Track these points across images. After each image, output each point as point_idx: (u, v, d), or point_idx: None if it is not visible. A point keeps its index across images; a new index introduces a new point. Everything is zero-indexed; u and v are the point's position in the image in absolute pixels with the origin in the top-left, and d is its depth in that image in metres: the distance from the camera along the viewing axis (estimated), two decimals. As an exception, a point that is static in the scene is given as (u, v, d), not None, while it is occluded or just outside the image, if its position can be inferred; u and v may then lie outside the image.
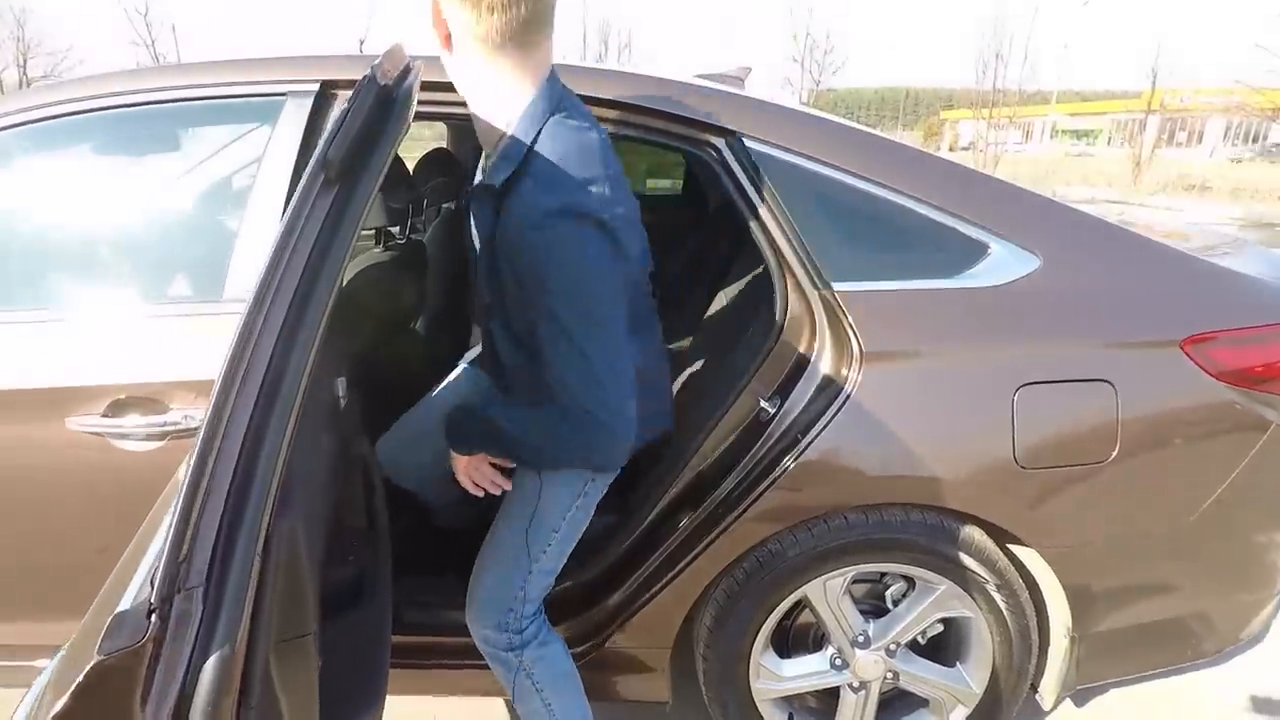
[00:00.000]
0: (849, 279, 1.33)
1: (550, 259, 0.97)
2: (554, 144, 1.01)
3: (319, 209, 0.73)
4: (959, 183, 1.39)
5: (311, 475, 0.88)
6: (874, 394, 1.30)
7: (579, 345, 0.99)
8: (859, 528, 1.35)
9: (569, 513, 1.25)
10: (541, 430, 1.09)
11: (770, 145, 1.36)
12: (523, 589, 1.27)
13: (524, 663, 1.29)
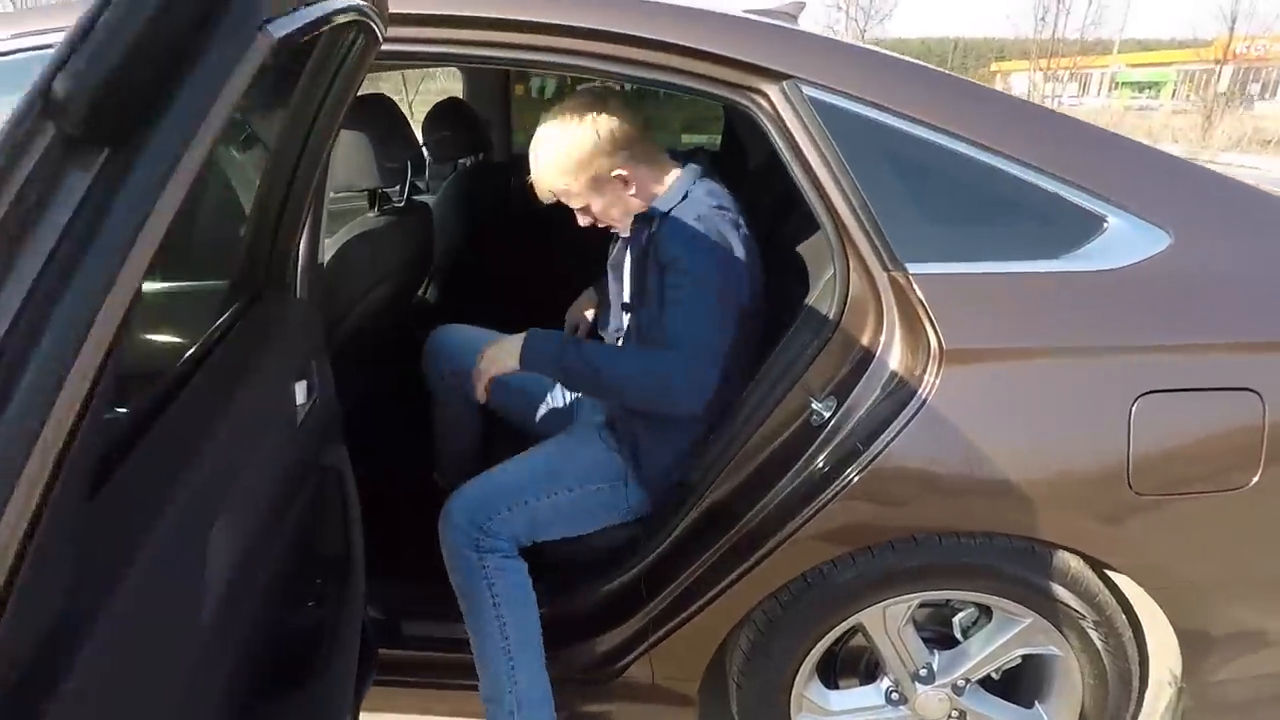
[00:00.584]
0: (927, 259, 1.09)
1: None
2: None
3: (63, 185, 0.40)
4: (1068, 139, 1.13)
5: (238, 508, 0.69)
6: (955, 400, 1.07)
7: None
8: (930, 552, 1.14)
9: (592, 487, 1.32)
10: (631, 357, 1.27)
11: (835, 93, 1.11)
12: (506, 511, 1.28)
13: (486, 568, 1.27)
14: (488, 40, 1.15)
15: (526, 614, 1.29)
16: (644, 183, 1.32)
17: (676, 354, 1.21)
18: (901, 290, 1.10)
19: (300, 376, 0.89)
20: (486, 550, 1.27)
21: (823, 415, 1.17)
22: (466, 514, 1.28)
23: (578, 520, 1.34)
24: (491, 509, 1.28)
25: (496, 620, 1.26)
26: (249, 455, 0.72)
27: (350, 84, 0.95)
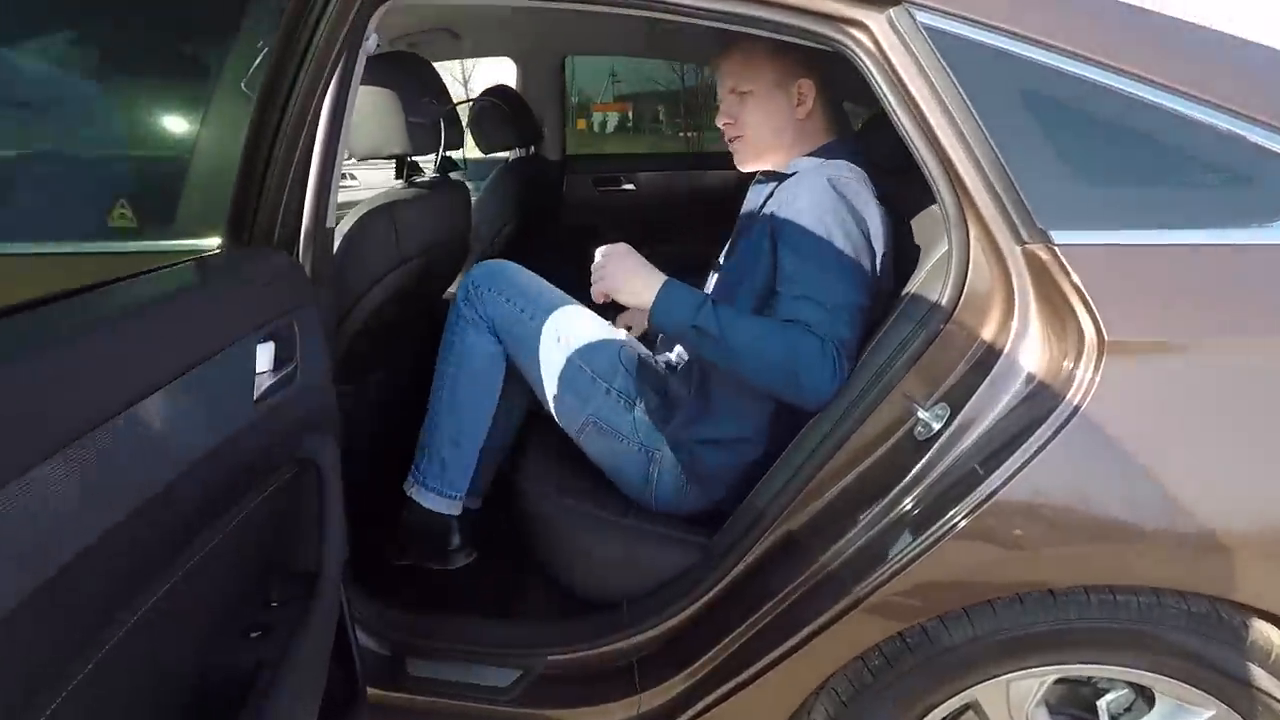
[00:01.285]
0: (1078, 225, 0.84)
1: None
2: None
3: None
4: (1270, 76, 0.87)
5: (132, 503, 0.49)
6: (1118, 408, 0.81)
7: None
8: (1073, 612, 0.87)
9: (589, 371, 1.24)
10: (774, 334, 1.05)
11: (960, 19, 0.88)
12: (506, 302, 1.25)
13: (460, 318, 1.27)
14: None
15: (473, 387, 1.28)
16: (811, 126, 1.22)
17: (821, 340, 1.03)
18: (1042, 266, 0.85)
19: (267, 338, 0.69)
20: (464, 317, 1.26)
21: (931, 427, 0.92)
22: (476, 278, 1.26)
23: (547, 376, 1.26)
24: (496, 283, 1.26)
25: (443, 374, 1.28)
26: (157, 430, 0.52)
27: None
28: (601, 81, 3.35)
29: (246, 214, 0.88)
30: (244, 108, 1.06)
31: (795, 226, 1.09)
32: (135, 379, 0.50)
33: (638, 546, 1.20)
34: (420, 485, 1.30)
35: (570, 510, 1.23)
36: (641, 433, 1.23)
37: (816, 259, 1.06)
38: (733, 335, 1.07)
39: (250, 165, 0.87)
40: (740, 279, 1.15)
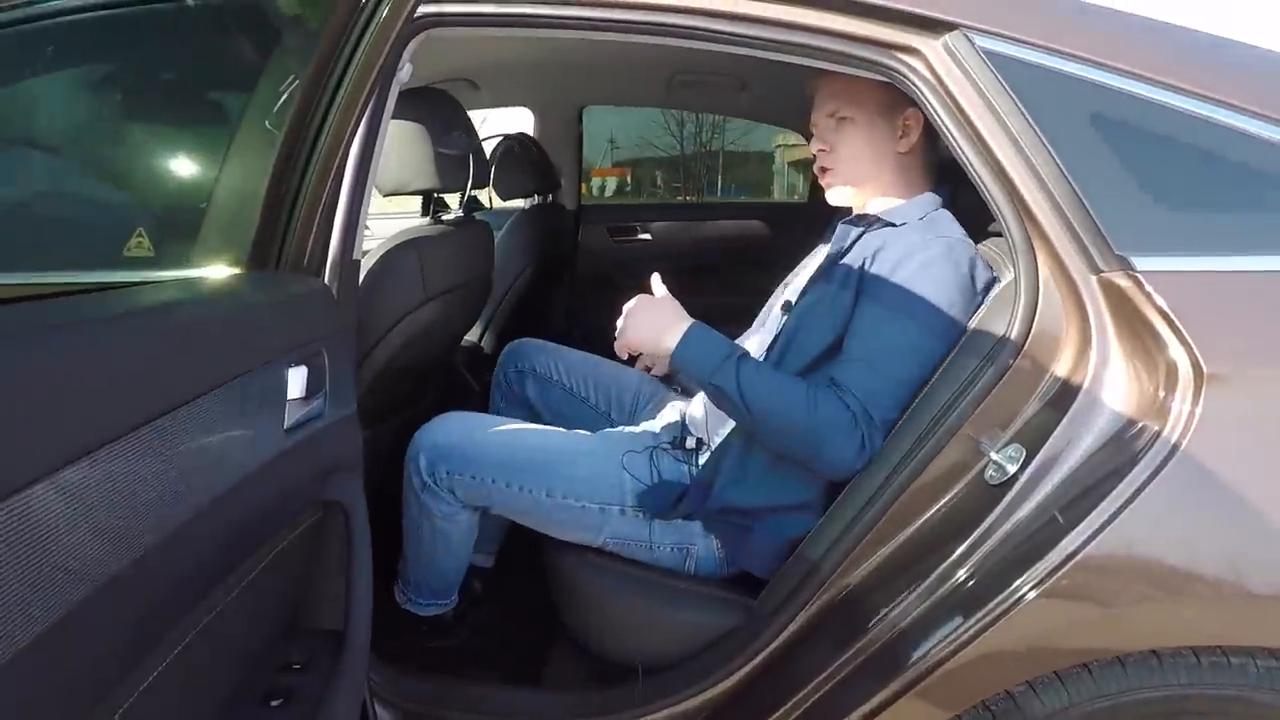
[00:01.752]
0: (1160, 251, 0.79)
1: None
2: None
3: None
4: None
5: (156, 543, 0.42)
6: (1223, 446, 0.74)
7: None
8: (1184, 677, 0.78)
9: (586, 504, 1.10)
10: (799, 400, 0.97)
11: (1021, 44, 0.85)
12: (470, 479, 1.11)
13: (431, 516, 1.15)
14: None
15: (449, 544, 1.18)
16: (911, 164, 1.12)
17: (855, 415, 0.96)
18: (1122, 295, 0.80)
19: (300, 361, 0.63)
20: (430, 499, 1.14)
21: (1006, 470, 0.85)
22: (429, 461, 1.12)
23: (544, 524, 1.14)
24: (452, 464, 1.12)
25: (414, 529, 1.18)
26: (180, 455, 0.45)
27: (403, 5, 0.74)
28: (600, 146, 3.39)
29: (272, 244, 0.83)
30: (267, 138, 1.02)
31: (891, 288, 0.99)
32: (158, 389, 0.44)
33: (673, 607, 1.10)
34: (409, 600, 1.24)
35: (598, 568, 1.14)
36: (668, 536, 1.11)
37: (899, 329, 0.98)
38: (753, 398, 0.98)
39: (278, 195, 0.82)
40: (813, 325, 1.05)
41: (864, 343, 0.99)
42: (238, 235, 0.94)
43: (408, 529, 1.19)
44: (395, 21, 0.75)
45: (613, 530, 1.11)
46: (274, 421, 0.59)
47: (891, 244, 1.03)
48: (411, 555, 1.20)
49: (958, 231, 1.05)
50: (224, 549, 0.51)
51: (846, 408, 0.96)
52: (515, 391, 1.45)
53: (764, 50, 0.92)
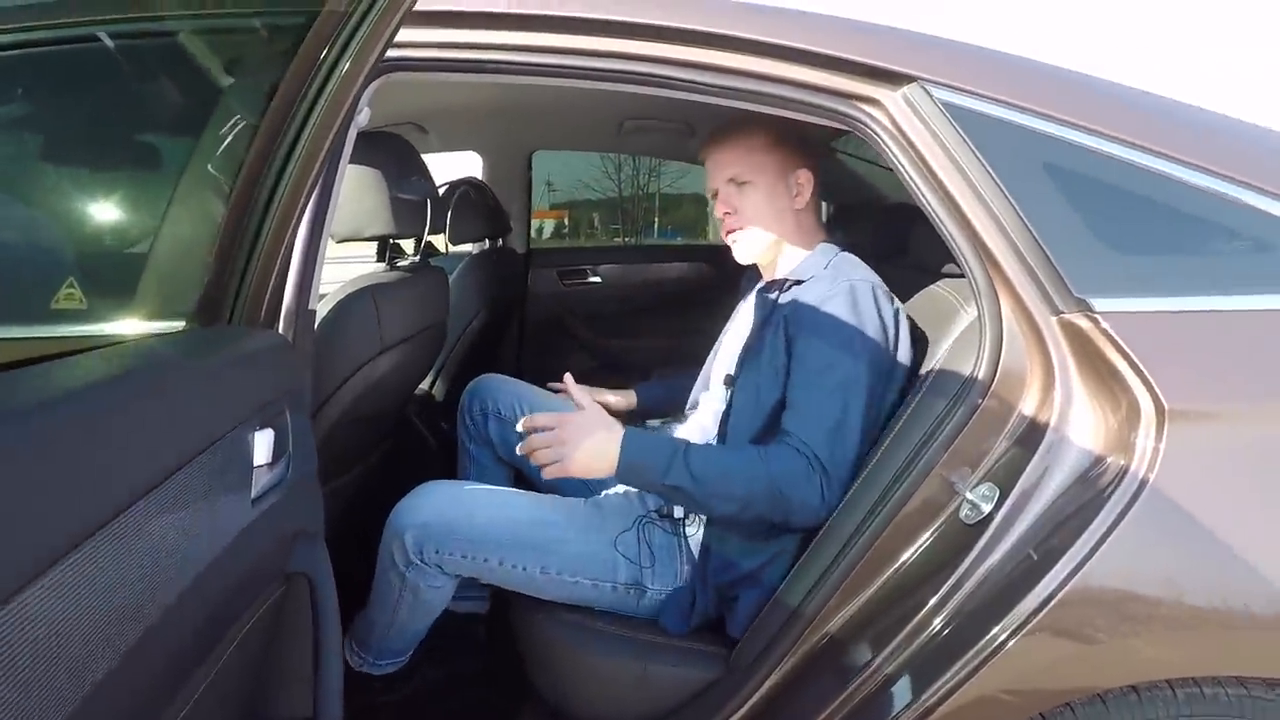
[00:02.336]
0: (1118, 293, 0.83)
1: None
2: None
3: None
4: (1271, 150, 0.90)
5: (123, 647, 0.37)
6: (1189, 478, 0.76)
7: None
8: (1162, 710, 0.79)
9: (582, 580, 1.09)
10: (753, 471, 0.98)
11: (976, 96, 0.88)
12: (460, 558, 1.07)
13: (412, 589, 1.10)
14: (545, 45, 0.94)
15: (424, 613, 1.15)
16: (806, 218, 1.20)
17: (809, 461, 0.98)
18: (1082, 336, 0.83)
19: (265, 423, 0.58)
20: (416, 575, 1.08)
21: (980, 509, 0.86)
22: (415, 541, 1.06)
23: (534, 594, 1.11)
24: (444, 544, 1.07)
25: (395, 613, 1.12)
26: (149, 547, 0.40)
27: (370, 51, 0.72)
28: (538, 189, 3.40)
29: (224, 295, 0.78)
30: (215, 185, 0.98)
31: (814, 335, 1.04)
32: (123, 476, 0.39)
33: (649, 661, 1.07)
34: (366, 663, 1.20)
35: (571, 625, 1.09)
36: (657, 610, 1.11)
37: (829, 368, 1.01)
38: (710, 484, 0.98)
39: (232, 243, 0.78)
40: (758, 391, 1.07)
41: (804, 389, 1.03)
42: (183, 286, 0.88)
43: (380, 599, 1.12)
44: (363, 66, 0.73)
45: (604, 604, 1.10)
46: (241, 493, 0.54)
47: (805, 297, 1.09)
48: (380, 621, 1.13)
49: (859, 272, 1.11)
50: (193, 641, 0.46)
51: (798, 453, 0.98)
52: (480, 431, 1.43)
53: (734, 100, 0.94)
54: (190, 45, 0.94)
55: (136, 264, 0.97)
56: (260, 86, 0.87)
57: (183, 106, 0.96)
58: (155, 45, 0.97)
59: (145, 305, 0.92)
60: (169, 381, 0.48)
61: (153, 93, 0.97)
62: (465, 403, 1.45)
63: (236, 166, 0.89)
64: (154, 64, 0.95)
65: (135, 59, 0.95)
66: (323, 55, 0.74)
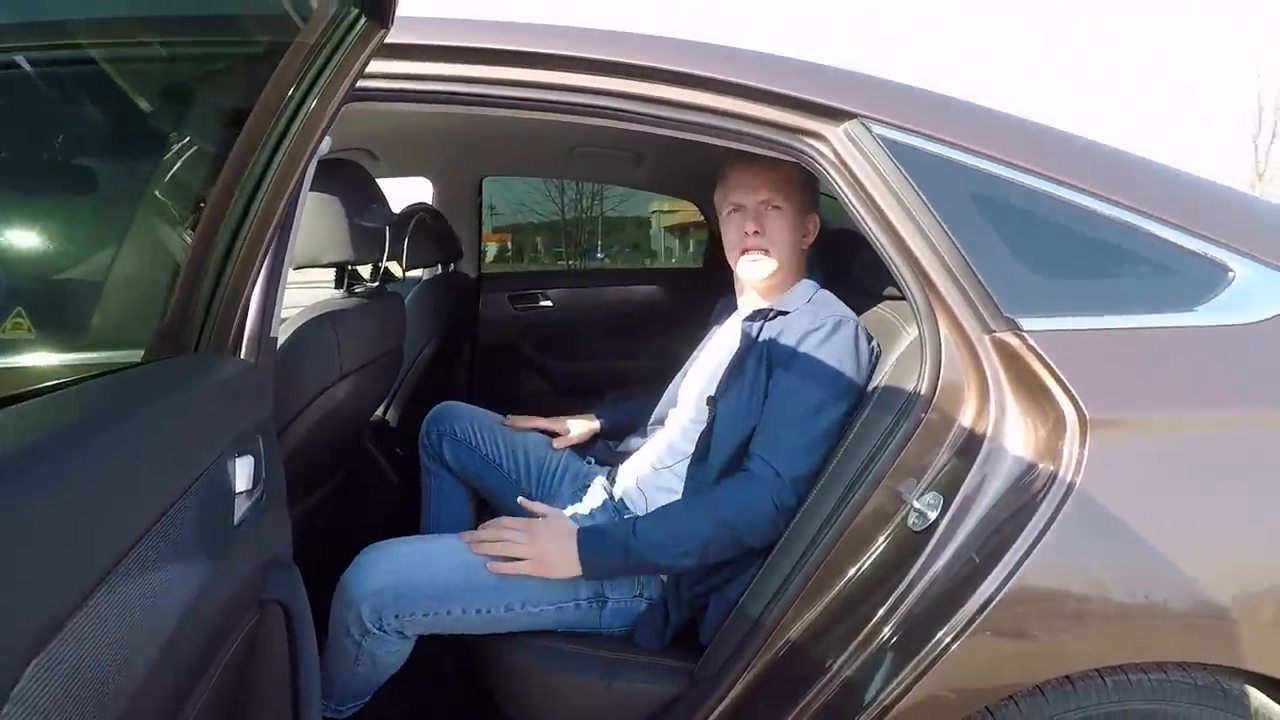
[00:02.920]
0: (1042, 313, 0.90)
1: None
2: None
3: None
4: (1172, 184, 1.00)
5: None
6: (1110, 482, 0.84)
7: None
8: (1092, 699, 0.85)
9: (545, 608, 1.10)
10: (704, 517, 1.07)
11: (911, 132, 0.96)
12: (422, 616, 1.05)
13: (369, 654, 1.07)
14: (501, 78, 0.97)
15: (390, 670, 1.11)
16: (802, 259, 1.29)
17: (764, 482, 1.06)
18: (1013, 353, 0.90)
19: (242, 451, 0.59)
20: (373, 643, 1.06)
21: (927, 517, 0.92)
22: (373, 609, 1.03)
23: (517, 629, 1.11)
24: (402, 607, 1.05)
25: (354, 672, 1.09)
26: (147, 589, 0.40)
27: (339, 83, 0.74)
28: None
29: (189, 323, 0.78)
30: (177, 213, 0.97)
31: (796, 364, 1.11)
32: (128, 515, 0.39)
33: (615, 679, 1.08)
34: (327, 709, 1.14)
35: (535, 649, 1.10)
36: (618, 621, 1.14)
37: (805, 395, 1.09)
38: (670, 549, 1.05)
39: (198, 272, 0.77)
40: (739, 412, 1.13)
41: (779, 413, 1.10)
42: (140, 315, 0.87)
43: (336, 660, 1.09)
44: (331, 99, 0.75)
45: (568, 624, 1.11)
46: (226, 521, 0.54)
47: (790, 328, 1.16)
48: (339, 676, 1.10)
49: (841, 309, 1.18)
50: (182, 675, 0.46)
51: (750, 476, 1.07)
52: (438, 453, 1.47)
53: (688, 132, 0.99)
54: (149, 73, 0.94)
55: (86, 293, 0.95)
56: (225, 117, 0.88)
57: (141, 135, 0.96)
58: (110, 71, 0.96)
59: (100, 334, 0.90)
60: (159, 414, 0.48)
61: (108, 120, 0.96)
62: (426, 426, 1.49)
63: (197, 197, 0.89)
64: (109, 91, 0.94)
65: (89, 85, 0.94)
66: (292, 89, 0.75)
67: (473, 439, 1.44)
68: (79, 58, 0.90)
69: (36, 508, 0.34)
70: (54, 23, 0.86)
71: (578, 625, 1.12)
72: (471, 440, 1.44)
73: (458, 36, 0.95)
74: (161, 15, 0.91)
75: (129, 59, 0.93)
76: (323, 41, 0.75)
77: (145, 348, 0.80)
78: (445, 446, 1.45)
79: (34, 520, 0.34)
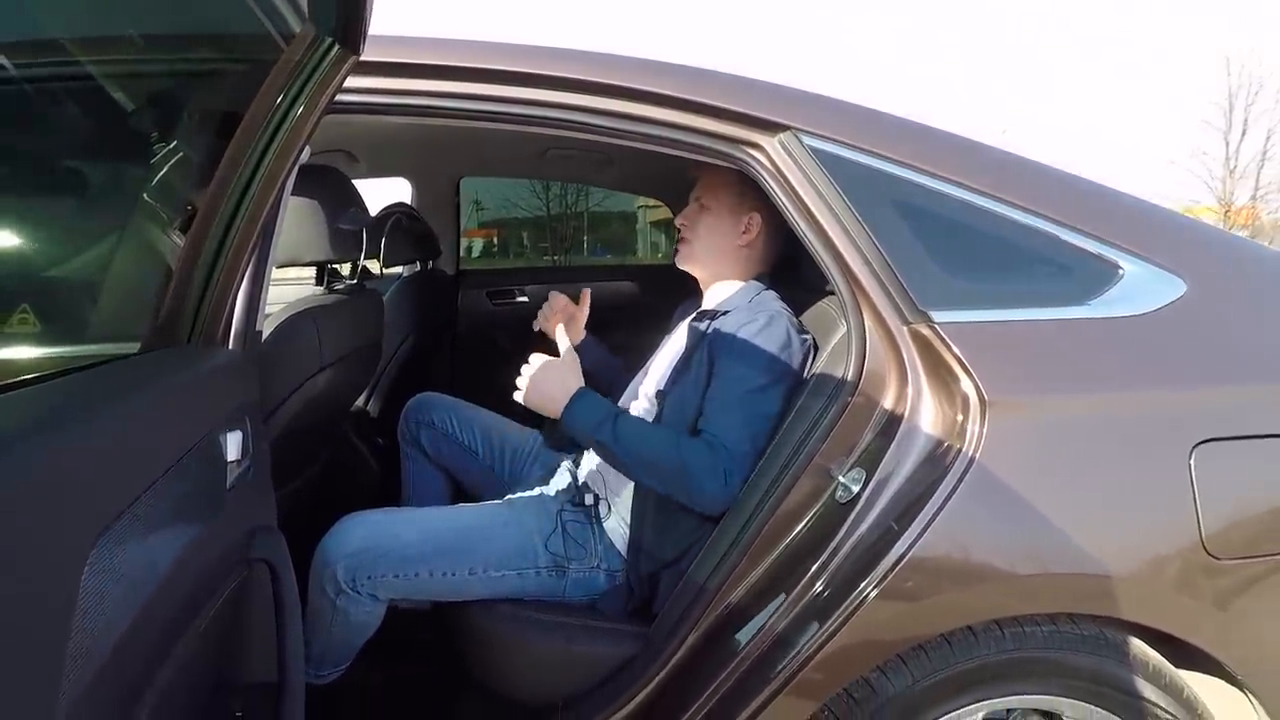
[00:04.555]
0: (952, 307, 1.01)
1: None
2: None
3: None
4: (1068, 189, 1.11)
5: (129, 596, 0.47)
6: (1004, 458, 0.95)
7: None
8: (993, 646, 0.97)
9: (509, 572, 1.20)
10: (667, 448, 1.16)
11: (838, 144, 1.06)
12: (393, 578, 1.15)
13: (341, 611, 1.16)
14: (466, 93, 1.07)
15: (374, 626, 1.21)
16: (748, 255, 1.36)
17: (716, 453, 1.14)
18: (926, 342, 1.01)
19: (233, 427, 0.68)
20: (347, 603, 1.16)
21: (851, 490, 1.02)
22: (347, 570, 1.14)
23: (465, 596, 1.21)
24: (375, 569, 1.15)
25: (330, 634, 1.18)
26: (151, 530, 0.50)
27: (318, 100, 0.83)
28: (466, 208, 3.49)
29: (182, 318, 0.87)
30: (170, 214, 1.06)
31: (732, 353, 1.21)
32: (137, 470, 0.49)
33: (574, 642, 1.19)
34: (310, 675, 1.22)
35: (504, 616, 1.20)
36: (578, 590, 1.24)
37: (742, 379, 1.18)
38: (629, 446, 1.17)
39: (191, 269, 0.86)
40: (681, 400, 1.23)
41: (719, 396, 1.20)
42: (137, 310, 0.96)
43: (315, 622, 1.18)
44: (313, 111, 0.84)
45: (530, 591, 1.21)
46: (219, 484, 0.63)
47: (727, 324, 1.26)
48: (316, 640, 1.19)
49: (776, 305, 1.28)
50: (181, 613, 0.55)
51: (708, 446, 1.14)
52: (415, 439, 1.58)
53: (638, 142, 1.09)
54: (145, 85, 1.02)
55: (86, 290, 1.03)
56: (218, 126, 0.96)
57: (137, 142, 1.04)
58: (110, 85, 1.05)
59: (99, 328, 0.99)
60: (157, 393, 0.57)
61: (107, 128, 1.04)
62: (406, 414, 1.59)
63: (186, 200, 0.98)
64: (108, 101, 1.03)
65: (91, 96, 1.02)
66: (279, 99, 0.84)
67: (449, 427, 1.54)
68: (82, 73, 0.99)
69: (52, 465, 0.43)
70: (62, 40, 0.95)
71: (541, 593, 1.21)
72: (448, 429, 1.54)
73: (421, 55, 1.05)
74: (160, 33, 0.99)
75: (128, 74, 1.02)
76: (304, 61, 0.84)
77: (141, 341, 0.89)
78: (422, 434, 1.55)
79: (50, 474, 0.43)
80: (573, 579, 1.23)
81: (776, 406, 1.17)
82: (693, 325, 1.33)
